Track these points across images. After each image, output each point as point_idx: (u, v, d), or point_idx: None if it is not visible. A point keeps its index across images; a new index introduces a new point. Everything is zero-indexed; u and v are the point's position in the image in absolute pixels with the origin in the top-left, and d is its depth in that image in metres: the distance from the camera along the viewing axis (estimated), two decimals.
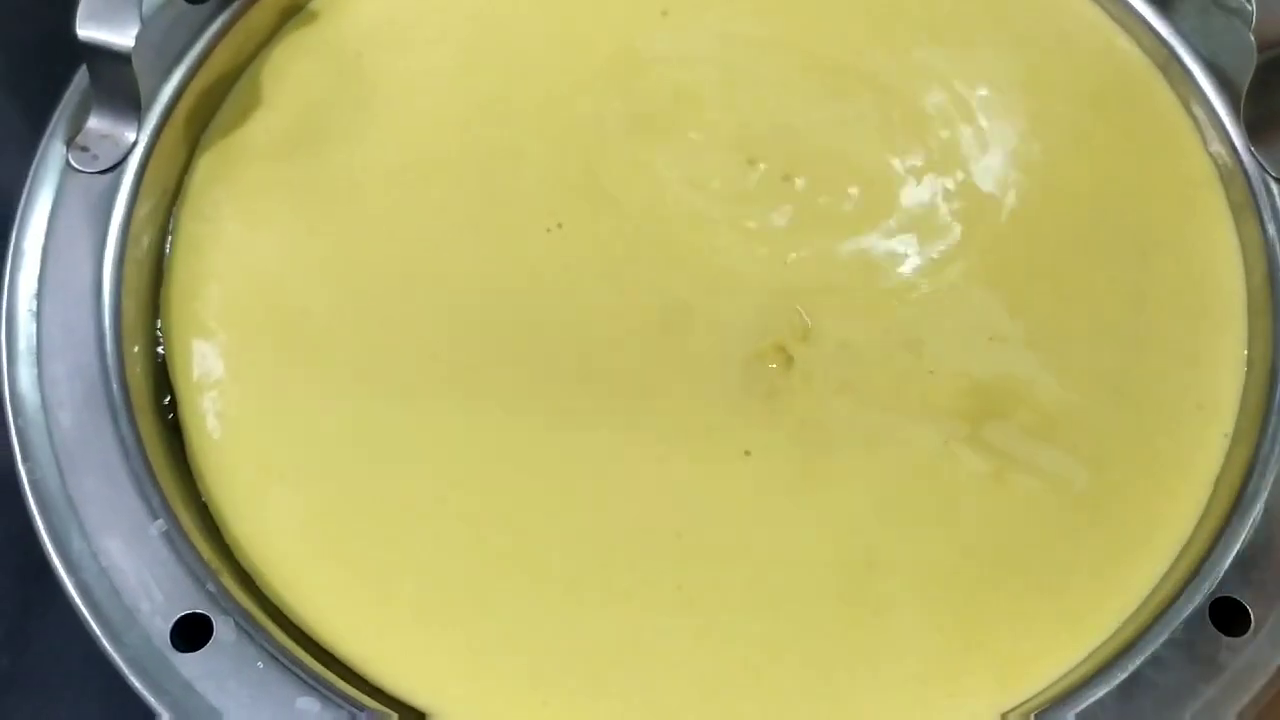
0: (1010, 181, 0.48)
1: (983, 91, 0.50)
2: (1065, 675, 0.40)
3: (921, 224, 0.47)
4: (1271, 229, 0.45)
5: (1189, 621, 0.39)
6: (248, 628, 0.38)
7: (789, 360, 0.45)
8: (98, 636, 0.38)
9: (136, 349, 0.44)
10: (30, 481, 0.40)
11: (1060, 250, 0.47)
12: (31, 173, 0.45)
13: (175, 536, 0.40)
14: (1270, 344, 0.44)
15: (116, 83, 0.45)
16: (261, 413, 0.44)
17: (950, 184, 0.48)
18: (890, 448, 0.43)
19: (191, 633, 0.38)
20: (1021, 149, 0.49)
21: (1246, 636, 0.39)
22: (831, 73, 0.50)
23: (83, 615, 0.39)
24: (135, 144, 0.46)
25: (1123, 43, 0.51)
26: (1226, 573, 0.39)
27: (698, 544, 0.42)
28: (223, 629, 0.38)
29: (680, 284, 0.46)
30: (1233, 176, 0.47)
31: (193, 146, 0.48)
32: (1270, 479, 0.41)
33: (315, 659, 0.39)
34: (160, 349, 0.45)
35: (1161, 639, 0.39)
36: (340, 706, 0.38)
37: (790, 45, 0.51)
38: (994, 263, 0.47)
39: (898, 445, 0.43)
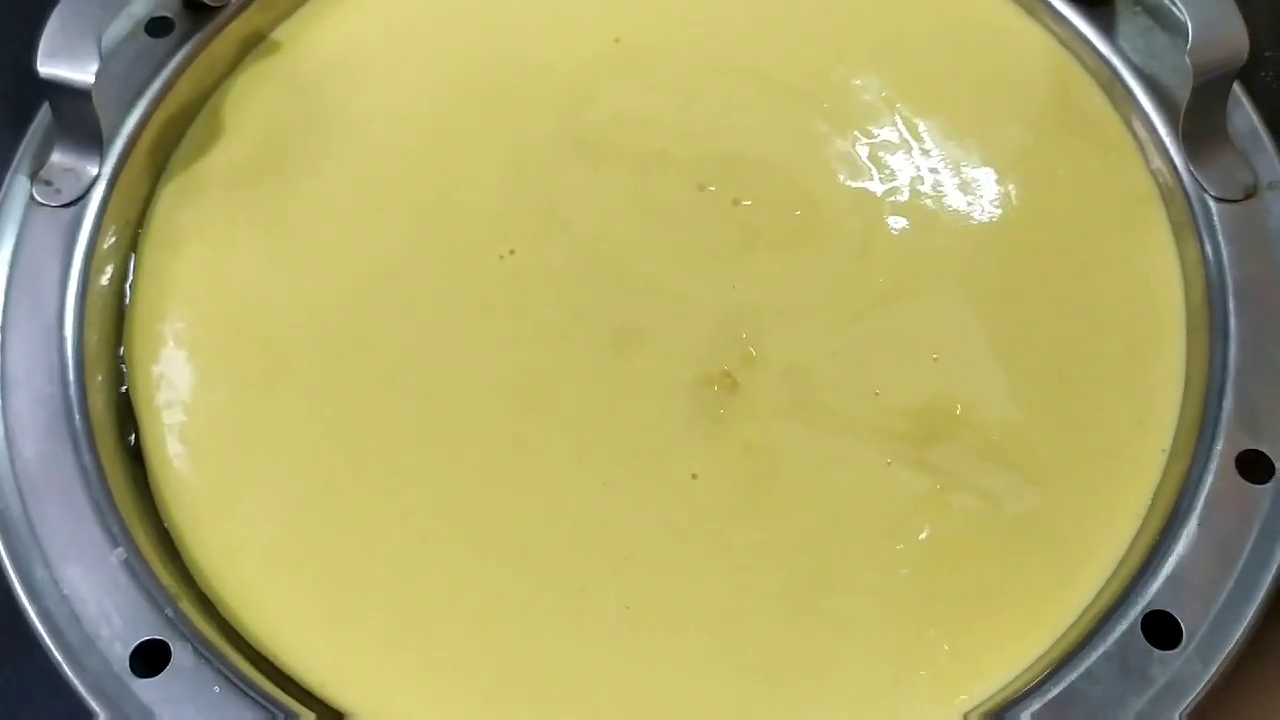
0: (956, 203, 0.49)
1: (930, 114, 0.51)
2: (1002, 689, 0.40)
3: (867, 246, 0.48)
4: (1209, 247, 0.46)
5: (1122, 635, 0.40)
6: (205, 652, 0.39)
7: (735, 385, 0.46)
8: (59, 662, 0.39)
9: (100, 378, 0.45)
10: None
11: (1005, 270, 0.48)
12: None
13: (135, 564, 0.41)
14: (1207, 360, 0.45)
15: (78, 118, 0.46)
16: (221, 439, 0.45)
17: (896, 206, 0.49)
18: (835, 469, 0.44)
19: (150, 658, 0.39)
20: (968, 171, 0.50)
21: (1178, 650, 0.39)
22: (781, 97, 0.52)
23: (44, 641, 0.39)
24: (98, 177, 0.47)
25: (1067, 64, 0.52)
26: (1159, 587, 0.40)
27: (646, 565, 0.43)
28: (181, 654, 0.39)
29: (630, 309, 0.47)
30: (1173, 194, 0.48)
31: (155, 177, 0.49)
32: (1204, 494, 0.42)
33: (273, 681, 0.40)
34: (123, 379, 0.46)
35: (1095, 653, 0.39)
36: None
37: (740, 71, 0.52)
38: (939, 284, 0.48)
39: (842, 467, 0.44)
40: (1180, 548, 0.41)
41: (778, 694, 0.41)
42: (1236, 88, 0.48)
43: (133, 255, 0.48)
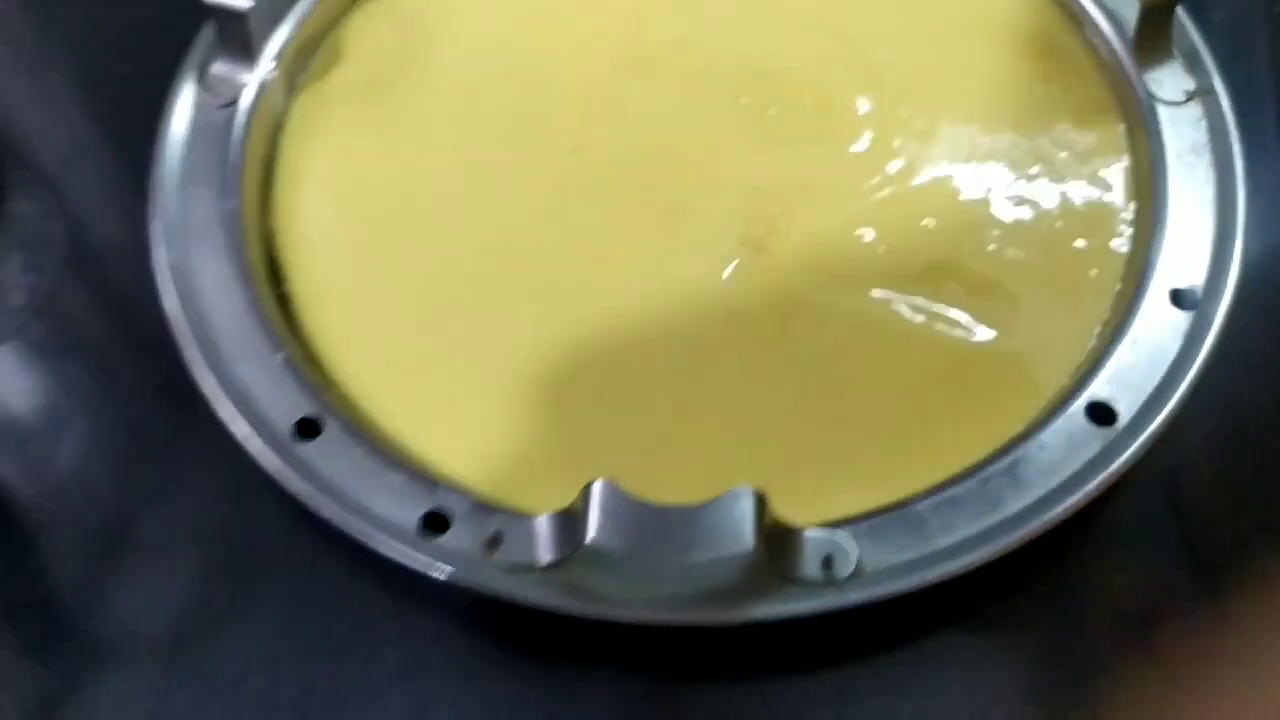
0: (947, 110, 0.59)
1: (927, 42, 0.62)
2: (977, 461, 0.50)
3: (876, 142, 0.59)
4: (1154, 140, 0.57)
5: (1067, 416, 0.49)
6: (351, 427, 0.50)
7: (762, 246, 0.56)
8: (235, 435, 0.49)
9: (253, 238, 0.56)
10: (181, 328, 0.52)
11: (990, 158, 0.58)
12: (171, 105, 0.58)
13: (292, 363, 0.51)
14: (1150, 222, 0.55)
15: (234, 36, 0.57)
16: (348, 287, 0.55)
17: (901, 112, 0.60)
18: (842, 305, 0.54)
19: (307, 430, 0.49)
20: (957, 85, 0.60)
21: (1113, 427, 0.49)
22: (804, 26, 0.63)
23: (224, 422, 0.50)
24: (246, 85, 0.58)
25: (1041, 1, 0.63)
26: (1101, 384, 0.50)
27: (684, 367, 0.53)
28: (331, 426, 0.49)
29: (677, 190, 0.57)
30: (1127, 100, 0.59)
31: (291, 88, 0.60)
32: (1140, 317, 0.52)
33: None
34: (271, 243, 0.57)
35: (1046, 428, 0.49)
36: (421, 481, 0.49)
37: (772, 7, 0.63)
38: (931, 170, 0.58)
39: (849, 303, 0.54)
40: (1119, 355, 0.51)
41: (787, 463, 0.51)
42: (1182, 15, 0.59)
43: (277, 146, 0.59)
